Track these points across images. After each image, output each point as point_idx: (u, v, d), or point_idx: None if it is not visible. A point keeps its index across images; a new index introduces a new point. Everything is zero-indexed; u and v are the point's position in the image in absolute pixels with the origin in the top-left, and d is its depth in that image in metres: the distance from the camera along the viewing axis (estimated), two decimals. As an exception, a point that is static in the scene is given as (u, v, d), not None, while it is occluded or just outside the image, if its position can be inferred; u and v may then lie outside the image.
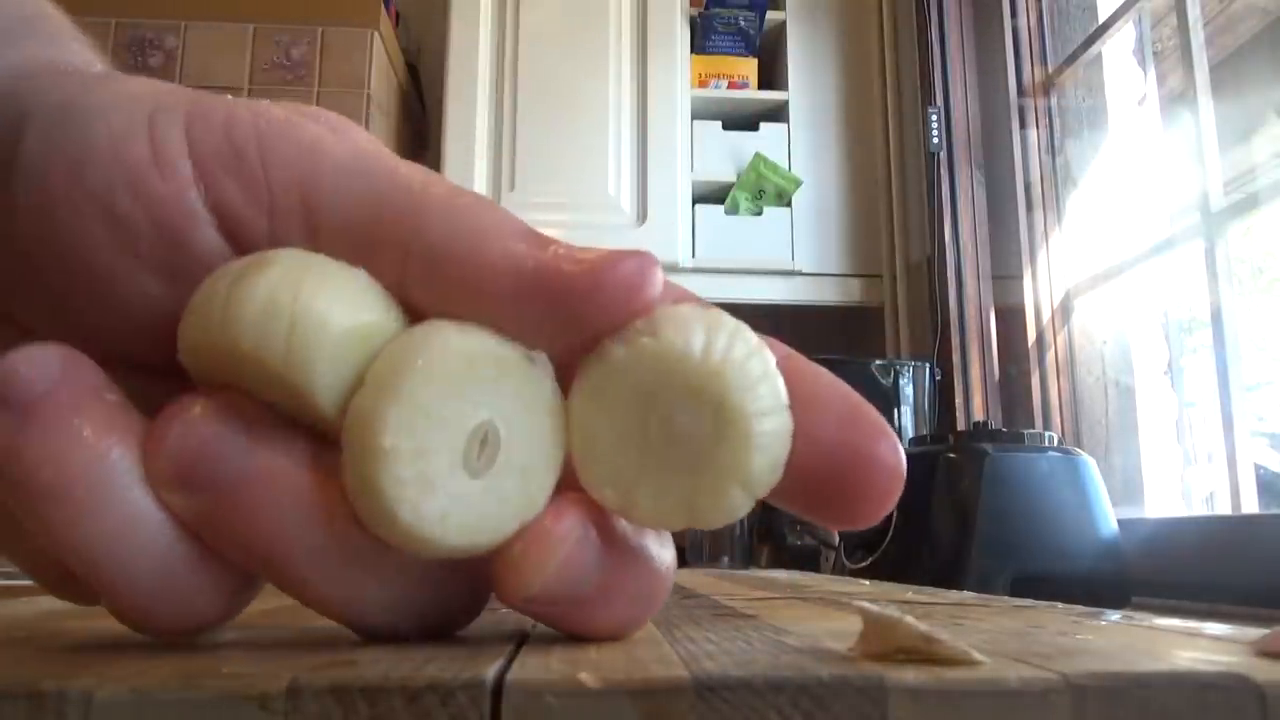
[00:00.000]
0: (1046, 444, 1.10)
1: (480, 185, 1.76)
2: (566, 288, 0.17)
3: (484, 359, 0.17)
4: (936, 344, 1.63)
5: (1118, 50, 1.53)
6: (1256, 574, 0.99)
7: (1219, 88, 1.25)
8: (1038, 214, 1.58)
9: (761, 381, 0.17)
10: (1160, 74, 1.53)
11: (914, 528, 1.04)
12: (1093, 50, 1.53)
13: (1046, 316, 1.54)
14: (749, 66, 1.92)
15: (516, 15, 1.85)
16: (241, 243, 0.19)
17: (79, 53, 0.23)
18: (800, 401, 0.18)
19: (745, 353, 0.17)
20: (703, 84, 1.89)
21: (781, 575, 0.76)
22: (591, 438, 0.18)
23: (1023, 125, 1.62)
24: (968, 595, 0.45)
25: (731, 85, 1.90)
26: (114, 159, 0.18)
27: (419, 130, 2.10)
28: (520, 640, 0.20)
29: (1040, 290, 1.55)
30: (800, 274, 1.82)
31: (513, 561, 0.17)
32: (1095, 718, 0.15)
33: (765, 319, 2.14)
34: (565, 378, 0.18)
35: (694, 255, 1.79)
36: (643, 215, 1.78)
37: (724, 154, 1.85)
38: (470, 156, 1.77)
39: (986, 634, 0.22)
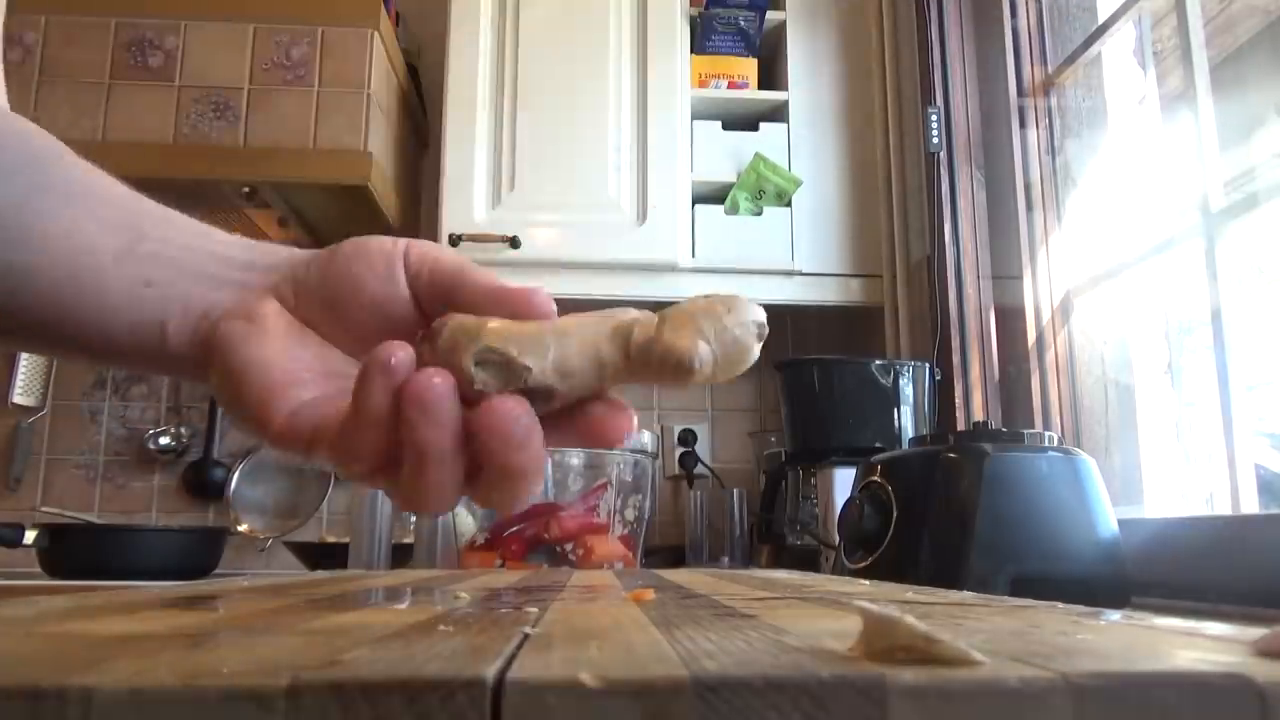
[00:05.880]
0: (1046, 444, 1.10)
1: (480, 185, 1.76)
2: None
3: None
4: (936, 344, 1.63)
5: (1118, 50, 1.53)
6: (1256, 574, 0.99)
7: (1219, 88, 1.25)
8: (1038, 214, 1.58)
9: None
10: (1160, 74, 1.53)
11: (914, 528, 1.04)
12: (1093, 50, 1.53)
13: (1046, 316, 1.54)
14: (749, 66, 1.92)
15: (516, 15, 1.85)
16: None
17: None
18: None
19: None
20: (703, 84, 1.89)
21: (781, 575, 0.76)
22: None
23: (1023, 125, 1.62)
24: (968, 595, 0.45)
25: (731, 85, 1.90)
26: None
27: (419, 130, 2.10)
28: (520, 640, 0.20)
29: (1040, 290, 1.55)
30: (800, 274, 1.82)
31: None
32: (1095, 718, 0.15)
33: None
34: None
35: (694, 255, 1.79)
36: (643, 215, 1.77)
37: (724, 154, 1.85)
38: (470, 156, 1.77)
39: (986, 634, 0.22)
